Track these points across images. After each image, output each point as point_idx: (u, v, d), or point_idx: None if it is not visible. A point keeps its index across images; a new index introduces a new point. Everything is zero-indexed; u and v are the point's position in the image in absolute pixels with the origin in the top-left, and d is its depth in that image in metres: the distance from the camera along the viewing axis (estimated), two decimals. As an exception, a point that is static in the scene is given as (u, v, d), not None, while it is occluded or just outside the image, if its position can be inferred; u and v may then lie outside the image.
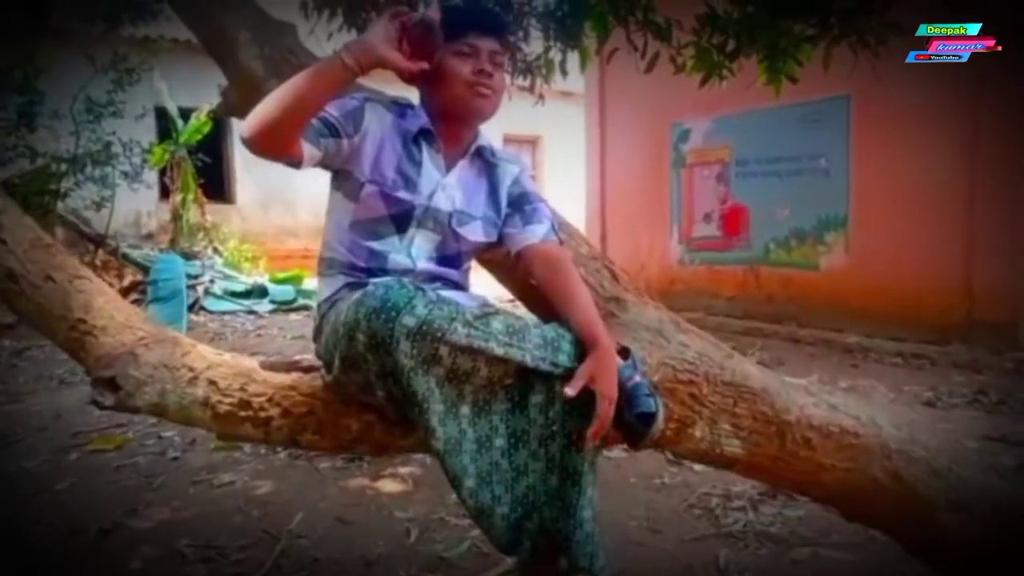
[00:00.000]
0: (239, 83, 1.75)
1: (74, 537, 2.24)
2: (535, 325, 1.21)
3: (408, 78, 1.32)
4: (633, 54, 3.37)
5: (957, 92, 4.89)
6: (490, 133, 1.50)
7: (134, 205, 8.58)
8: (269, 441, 1.25)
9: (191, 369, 1.20)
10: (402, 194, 1.35)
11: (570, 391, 1.14)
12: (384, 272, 1.34)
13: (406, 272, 1.34)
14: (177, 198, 8.39)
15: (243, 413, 1.21)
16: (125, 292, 7.37)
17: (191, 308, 6.88)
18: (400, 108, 1.43)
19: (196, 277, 7.46)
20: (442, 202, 1.39)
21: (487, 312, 1.17)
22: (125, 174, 7.03)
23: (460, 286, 1.43)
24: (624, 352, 1.26)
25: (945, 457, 1.48)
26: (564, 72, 3.79)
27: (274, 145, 1.21)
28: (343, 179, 1.38)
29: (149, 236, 9.14)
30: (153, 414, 1.20)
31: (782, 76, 3.24)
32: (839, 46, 2.96)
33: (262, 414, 1.22)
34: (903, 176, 5.25)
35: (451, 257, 1.42)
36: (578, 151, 8.30)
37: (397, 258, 1.36)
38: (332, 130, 1.30)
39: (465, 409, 1.16)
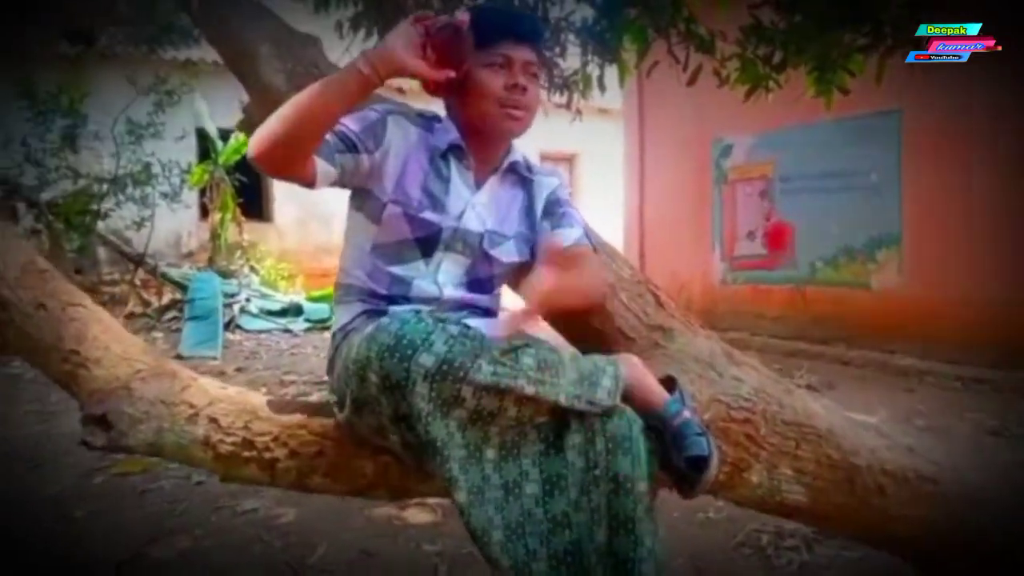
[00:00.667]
0: (260, 98, 1.67)
1: (94, 568, 2.16)
2: (571, 357, 1.07)
3: (433, 88, 1.20)
4: (673, 67, 3.24)
5: (1014, 104, 4.65)
6: (526, 150, 1.39)
7: (174, 225, 8.68)
8: (276, 484, 1.14)
9: (191, 405, 1.10)
10: (428, 215, 1.24)
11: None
12: (407, 300, 1.23)
13: (432, 300, 1.23)
14: (216, 217, 8.46)
15: (247, 453, 1.11)
16: (163, 310, 7.44)
17: (227, 326, 6.89)
18: (426, 121, 1.31)
19: (232, 296, 7.49)
20: (472, 222, 1.28)
21: (516, 345, 1.04)
22: (164, 194, 7.11)
23: (490, 312, 1.31)
24: (670, 383, 1.12)
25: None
26: (603, 87, 3.68)
27: (284, 163, 1.11)
28: (363, 199, 1.27)
29: (189, 255, 9.24)
30: (148, 454, 1.10)
31: (833, 88, 3.09)
32: (892, 57, 2.81)
33: (267, 455, 1.11)
34: (959, 191, 5.00)
35: (481, 282, 1.31)
36: (616, 169, 8.17)
37: (422, 285, 1.25)
38: (349, 145, 1.19)
39: (490, 453, 1.03)
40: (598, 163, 11.75)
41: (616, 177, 8.14)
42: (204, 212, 9.01)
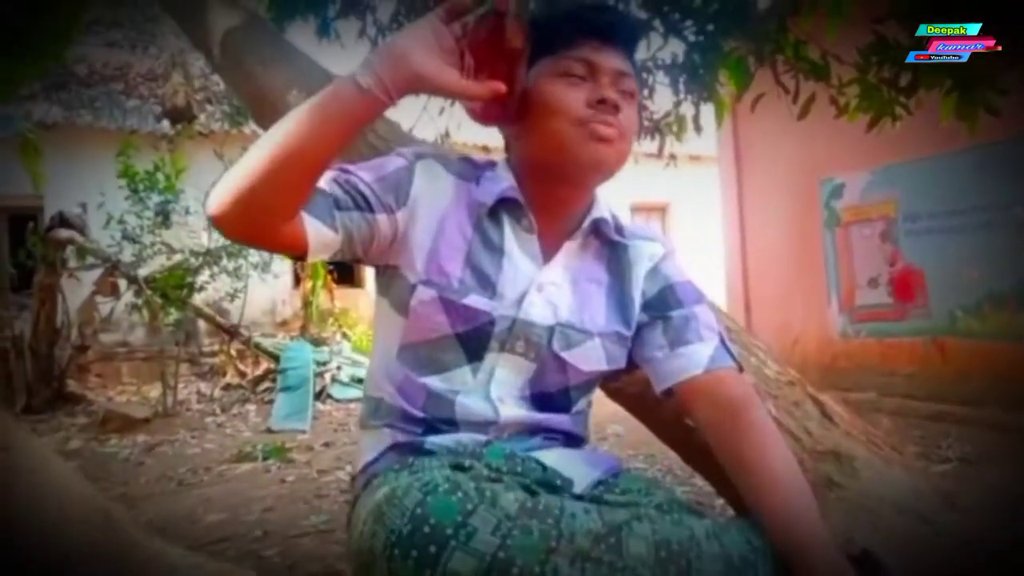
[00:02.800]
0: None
1: None
2: (708, 533, 0.66)
3: (480, 112, 0.86)
4: (773, 103, 2.85)
5: None
6: (615, 203, 0.98)
7: (268, 294, 8.80)
8: None
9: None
10: (474, 300, 0.87)
11: None
12: (451, 425, 0.86)
13: (485, 425, 0.86)
14: (307, 285, 8.54)
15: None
16: (257, 381, 7.45)
17: (318, 396, 6.81)
18: (473, 169, 0.94)
19: (324, 364, 7.43)
20: (538, 311, 0.90)
21: (617, 523, 0.64)
22: (256, 265, 7.18)
23: (574, 438, 0.91)
24: (868, 563, 0.69)
25: None
26: (699, 128, 3.32)
27: (251, 226, 0.78)
28: (388, 280, 0.92)
29: (283, 324, 9.34)
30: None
31: (977, 111, 2.60)
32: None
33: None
34: None
35: (552, 397, 0.91)
36: (712, 217, 7.70)
37: (469, 403, 0.87)
38: (358, 201, 0.84)
39: None
40: (693, 212, 11.27)
41: (713, 226, 7.66)
42: (296, 280, 9.11)
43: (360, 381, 7.42)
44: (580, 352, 0.90)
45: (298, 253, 0.82)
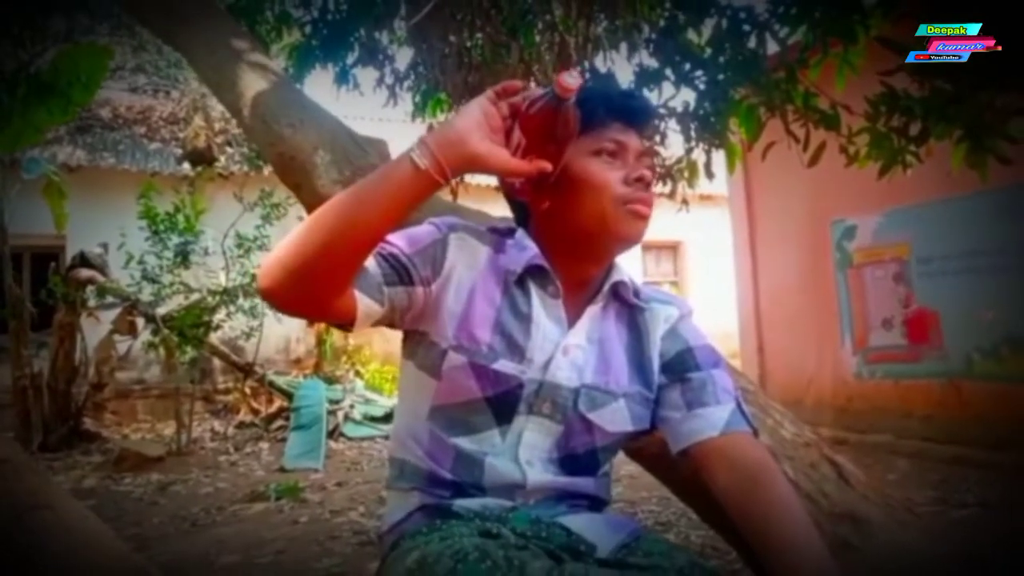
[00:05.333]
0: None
1: None
2: None
3: (517, 188, 0.91)
4: (790, 147, 2.89)
5: None
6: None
7: (282, 332, 8.85)
8: None
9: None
10: (503, 365, 0.91)
11: None
12: (479, 490, 0.89)
13: (512, 488, 0.89)
14: (321, 324, 8.58)
15: None
16: (270, 419, 7.47)
17: (331, 434, 6.81)
18: (497, 238, 0.98)
19: (337, 402, 7.44)
20: (564, 374, 0.93)
21: None
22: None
23: (597, 502, 0.94)
24: None
25: None
26: (710, 174, 3.36)
27: (308, 299, 0.81)
28: (416, 343, 0.96)
29: (296, 361, 9.37)
30: None
31: (987, 159, 2.63)
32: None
33: None
34: None
35: (579, 458, 0.94)
36: (722, 253, 7.72)
37: (498, 465, 0.90)
38: (401, 274, 0.89)
39: None
40: (704, 250, 11.30)
41: (724, 263, 7.67)
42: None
43: (373, 419, 7.42)
44: (606, 413, 0.93)
45: (344, 323, 0.87)
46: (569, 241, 0.94)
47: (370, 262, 0.87)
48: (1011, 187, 4.62)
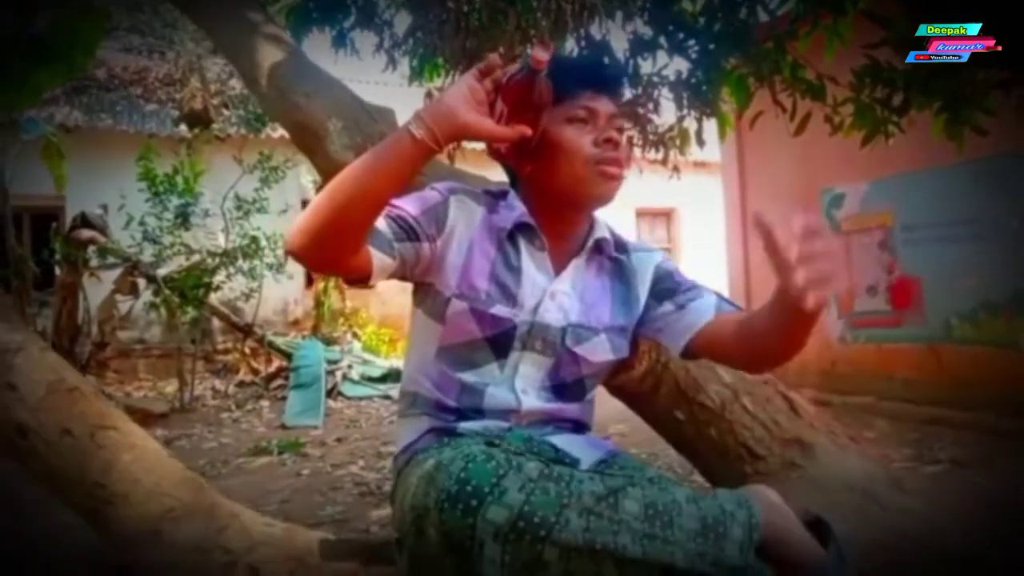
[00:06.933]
0: (331, 176, 1.56)
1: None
2: (688, 498, 0.83)
3: (503, 152, 1.03)
4: (776, 116, 3.00)
5: None
6: (621, 208, 1.17)
7: (281, 294, 8.97)
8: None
9: (228, 551, 0.94)
10: (499, 309, 1.06)
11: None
12: (479, 413, 1.04)
13: (509, 412, 1.04)
14: (319, 285, 8.70)
15: (290, 612, 0.92)
16: (270, 378, 7.63)
17: (329, 394, 6.97)
18: (491, 199, 1.13)
19: (335, 362, 7.59)
20: (552, 315, 1.08)
21: (615, 486, 0.82)
22: (271, 266, 7.34)
23: (580, 426, 1.10)
24: (818, 527, 0.85)
25: None
26: (701, 142, 3.46)
27: (331, 257, 0.95)
28: (425, 294, 1.10)
29: (295, 323, 9.50)
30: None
31: (964, 131, 2.75)
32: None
33: (314, 616, 0.91)
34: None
35: (568, 387, 1.10)
36: (716, 221, 7.82)
37: (496, 393, 1.06)
38: (409, 233, 1.03)
39: None
40: (697, 217, 11.40)
41: (717, 230, 7.79)
42: (309, 281, 9.28)
43: (370, 379, 7.58)
44: (590, 346, 1.09)
45: (363, 278, 1.00)
46: (550, 200, 1.09)
47: (381, 223, 1.00)
48: (989, 157, 4.73)
